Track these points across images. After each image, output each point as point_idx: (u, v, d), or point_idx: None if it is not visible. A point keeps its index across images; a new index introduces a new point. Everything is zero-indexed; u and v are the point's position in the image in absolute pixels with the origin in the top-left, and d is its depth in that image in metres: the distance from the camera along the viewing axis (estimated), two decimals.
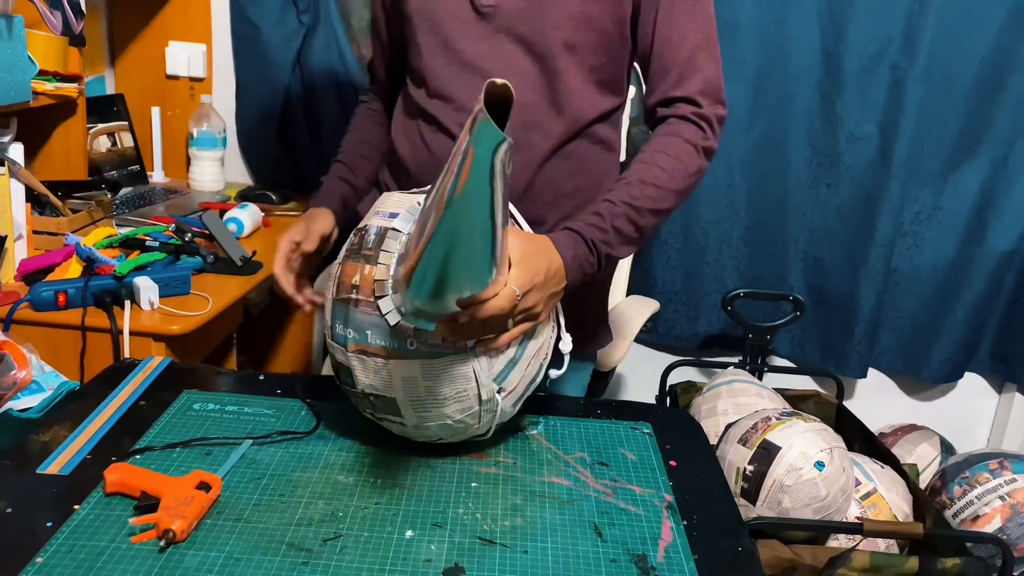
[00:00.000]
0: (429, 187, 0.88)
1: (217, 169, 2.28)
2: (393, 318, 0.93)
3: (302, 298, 1.15)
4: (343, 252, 1.01)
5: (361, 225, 1.00)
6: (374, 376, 0.96)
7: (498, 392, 0.97)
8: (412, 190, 1.03)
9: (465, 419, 0.98)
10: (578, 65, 1.14)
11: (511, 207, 1.03)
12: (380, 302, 0.94)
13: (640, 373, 2.49)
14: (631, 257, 2.13)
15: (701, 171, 1.14)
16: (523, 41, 1.13)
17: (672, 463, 1.04)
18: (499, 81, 0.79)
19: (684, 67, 1.14)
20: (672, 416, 1.20)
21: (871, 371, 2.40)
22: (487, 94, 0.78)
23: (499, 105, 0.79)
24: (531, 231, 1.06)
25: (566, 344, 1.05)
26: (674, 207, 1.13)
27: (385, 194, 1.04)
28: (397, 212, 0.98)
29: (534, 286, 0.95)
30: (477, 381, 0.96)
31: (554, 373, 1.06)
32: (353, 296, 0.96)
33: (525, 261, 0.95)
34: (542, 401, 1.17)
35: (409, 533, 0.87)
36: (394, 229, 0.96)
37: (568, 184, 1.18)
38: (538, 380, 1.04)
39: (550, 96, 1.15)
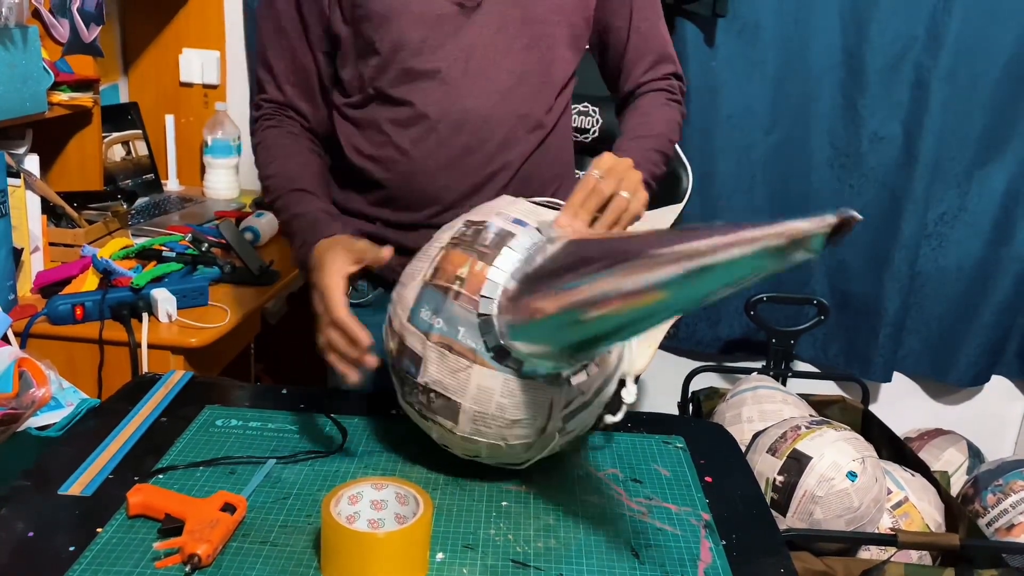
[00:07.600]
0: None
1: (232, 177, 2.26)
2: (492, 341, 0.89)
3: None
4: (449, 238, 0.95)
5: (478, 219, 0.96)
6: (449, 375, 0.91)
7: (559, 432, 0.94)
8: (532, 199, 1.01)
9: (516, 446, 0.94)
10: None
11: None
12: (481, 321, 0.90)
13: (661, 379, 2.45)
14: None
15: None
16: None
17: (708, 479, 1.01)
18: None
19: (658, 54, 1.22)
20: (705, 429, 1.17)
21: (896, 375, 2.36)
22: None
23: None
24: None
25: (630, 395, 1.00)
26: None
27: (504, 196, 1.02)
28: (524, 221, 0.94)
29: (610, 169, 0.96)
30: (549, 415, 0.92)
31: (610, 419, 1.02)
32: (455, 287, 0.91)
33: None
34: None
35: (440, 556, 0.85)
36: (515, 239, 0.92)
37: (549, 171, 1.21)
38: (588, 427, 1.01)
39: (541, 69, 1.16)
